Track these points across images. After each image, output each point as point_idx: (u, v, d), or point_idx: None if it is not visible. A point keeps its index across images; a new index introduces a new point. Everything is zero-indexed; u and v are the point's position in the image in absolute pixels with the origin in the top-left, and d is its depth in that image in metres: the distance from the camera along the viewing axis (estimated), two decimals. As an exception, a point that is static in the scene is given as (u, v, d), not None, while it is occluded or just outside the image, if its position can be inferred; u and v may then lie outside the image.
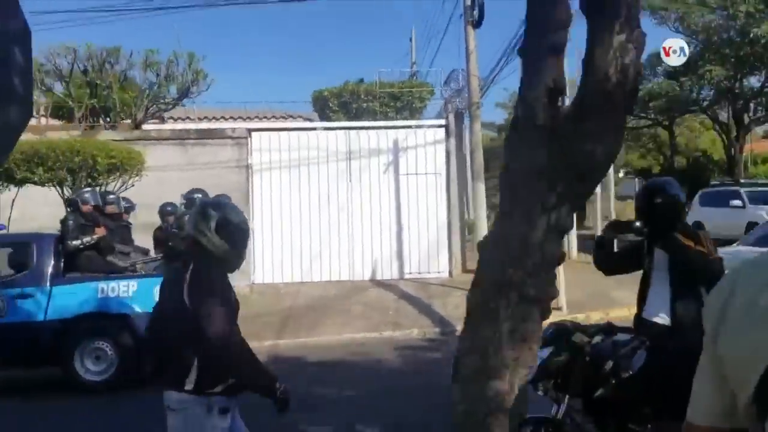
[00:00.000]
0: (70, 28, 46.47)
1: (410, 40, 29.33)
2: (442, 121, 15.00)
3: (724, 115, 25.82)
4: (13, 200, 11.43)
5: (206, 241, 3.29)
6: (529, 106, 2.37)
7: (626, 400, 3.83)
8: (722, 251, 7.31)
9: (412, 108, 21.08)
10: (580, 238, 19.75)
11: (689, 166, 35.24)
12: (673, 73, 24.25)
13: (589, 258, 17.19)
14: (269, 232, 14.39)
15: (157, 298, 3.61)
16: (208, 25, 62.02)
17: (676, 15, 23.03)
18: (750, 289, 1.04)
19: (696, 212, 16.62)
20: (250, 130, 14.50)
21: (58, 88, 14.61)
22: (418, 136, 14.66)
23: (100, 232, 7.93)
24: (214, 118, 18.58)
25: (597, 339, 4.05)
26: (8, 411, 6.87)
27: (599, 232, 16.52)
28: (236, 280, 14.18)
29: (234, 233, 3.34)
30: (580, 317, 10.93)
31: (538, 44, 2.40)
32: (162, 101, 15.13)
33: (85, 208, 8.10)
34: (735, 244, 7.13)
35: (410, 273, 14.40)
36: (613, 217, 15.38)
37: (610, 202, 15.22)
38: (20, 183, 10.48)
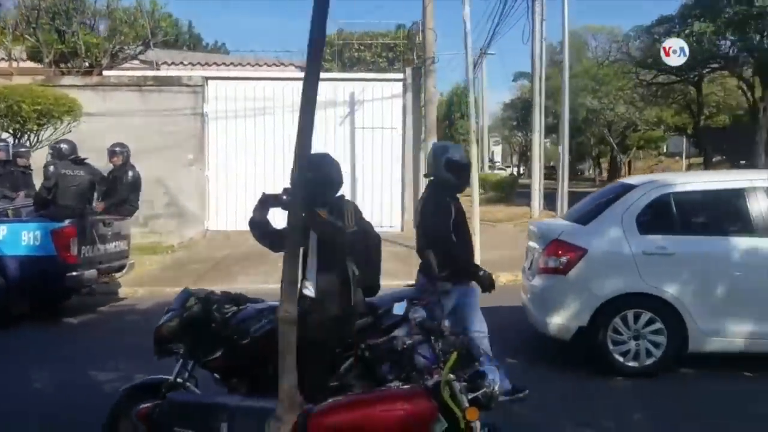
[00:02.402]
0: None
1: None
2: (400, 75, 14.78)
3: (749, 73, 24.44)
4: (-39, 144, 11.90)
5: (438, 174, 4.70)
6: None
7: (236, 365, 3.92)
8: (537, 222, 7.10)
9: (404, 59, 20.75)
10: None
11: (732, 125, 33.67)
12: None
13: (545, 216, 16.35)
14: (224, 181, 14.64)
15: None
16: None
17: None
18: None
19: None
20: (206, 78, 14.62)
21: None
22: (375, 89, 14.51)
23: (-25, 177, 8.30)
24: (198, 63, 18.80)
25: (248, 307, 4.12)
26: None
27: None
28: (191, 228, 14.57)
29: (457, 168, 4.69)
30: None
31: None
32: (127, 48, 15.43)
33: (-37, 155, 8.47)
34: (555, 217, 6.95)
35: (362, 226, 14.46)
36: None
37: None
38: (-44, 128, 10.97)
